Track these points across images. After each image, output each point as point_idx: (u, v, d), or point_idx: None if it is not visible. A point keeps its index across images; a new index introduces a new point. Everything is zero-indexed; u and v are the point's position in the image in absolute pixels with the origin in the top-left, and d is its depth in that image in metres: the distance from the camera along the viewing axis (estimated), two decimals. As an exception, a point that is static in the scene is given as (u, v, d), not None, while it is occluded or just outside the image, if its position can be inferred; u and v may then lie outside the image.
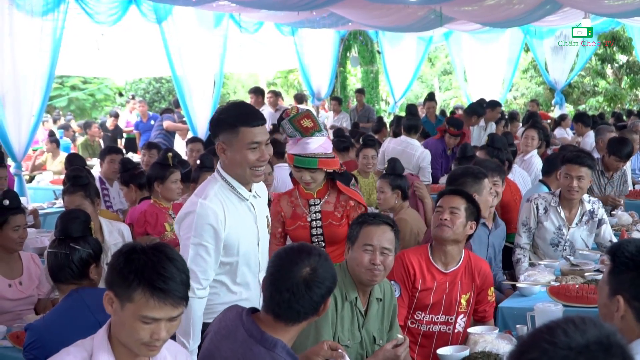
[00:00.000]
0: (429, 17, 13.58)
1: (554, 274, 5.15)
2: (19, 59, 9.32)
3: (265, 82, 25.23)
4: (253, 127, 3.53)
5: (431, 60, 27.94)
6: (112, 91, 26.43)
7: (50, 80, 9.81)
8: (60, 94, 23.91)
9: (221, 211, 3.57)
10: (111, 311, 2.59)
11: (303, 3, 11.05)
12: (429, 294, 4.28)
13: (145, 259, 2.54)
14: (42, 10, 9.42)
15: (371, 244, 3.71)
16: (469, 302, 4.37)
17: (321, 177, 4.69)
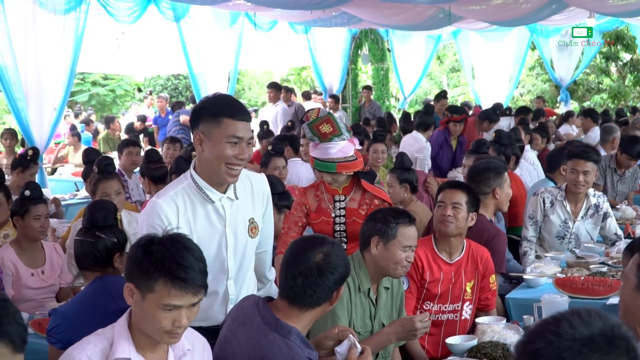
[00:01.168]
0: (438, 16, 13.54)
1: (559, 266, 5.14)
2: (42, 56, 9.35)
3: (279, 78, 25.18)
4: (237, 121, 3.16)
5: (440, 58, 27.87)
6: (131, 87, 26.46)
7: (71, 76, 9.84)
8: (82, 90, 23.95)
9: (173, 212, 3.22)
10: (132, 302, 2.60)
11: (316, 2, 11.03)
12: (437, 284, 4.29)
13: (164, 249, 2.55)
14: (65, 9, 9.44)
15: (410, 245, 3.76)
16: (473, 289, 4.38)
17: (342, 178, 4.60)
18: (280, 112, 14.01)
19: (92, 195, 5.48)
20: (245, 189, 3.40)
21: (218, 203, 3.29)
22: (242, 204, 3.38)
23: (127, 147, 8.46)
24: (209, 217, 3.30)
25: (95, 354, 2.58)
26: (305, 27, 15.76)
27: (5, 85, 9.15)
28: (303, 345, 2.84)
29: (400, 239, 3.72)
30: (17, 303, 4.99)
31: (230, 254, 3.35)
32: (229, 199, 3.32)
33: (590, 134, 11.56)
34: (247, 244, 3.41)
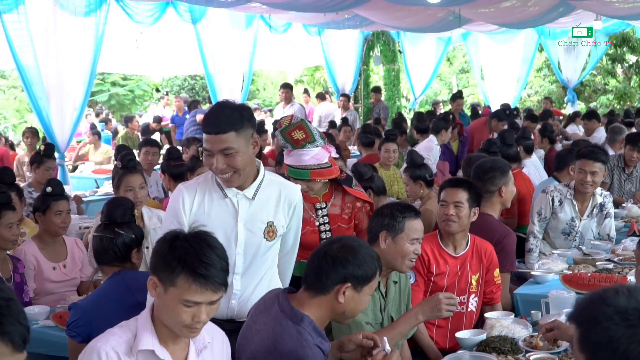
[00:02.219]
0: (448, 18, 13.52)
1: (566, 263, 5.12)
2: (63, 56, 9.38)
3: (292, 79, 25.19)
4: (206, 134, 3.27)
5: (449, 60, 27.80)
6: (149, 87, 26.52)
7: (92, 77, 9.86)
8: (102, 90, 24.04)
9: (191, 197, 3.40)
10: (155, 295, 2.61)
11: (330, 5, 11.02)
12: (443, 277, 4.30)
13: (188, 246, 2.56)
14: (85, 11, 9.46)
15: (417, 238, 3.75)
16: (478, 282, 4.38)
17: (318, 185, 4.46)
18: (297, 111, 14.05)
19: (115, 190, 5.48)
20: (272, 193, 3.44)
21: (234, 198, 3.37)
22: (262, 206, 3.41)
23: (144, 147, 8.49)
24: (223, 208, 3.39)
25: (120, 345, 2.59)
26: (319, 29, 15.76)
27: (27, 84, 9.19)
28: (315, 333, 2.88)
29: (408, 232, 3.72)
30: (39, 296, 5.03)
31: (239, 249, 3.39)
32: (245, 197, 3.38)
33: (595, 135, 11.52)
34: (262, 245, 3.43)
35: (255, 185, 3.39)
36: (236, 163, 3.24)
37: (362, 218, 4.54)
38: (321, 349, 2.91)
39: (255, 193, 3.39)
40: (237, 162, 3.24)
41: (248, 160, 3.31)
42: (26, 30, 8.92)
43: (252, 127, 3.33)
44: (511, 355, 3.53)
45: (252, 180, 3.40)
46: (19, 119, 21.77)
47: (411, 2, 11.56)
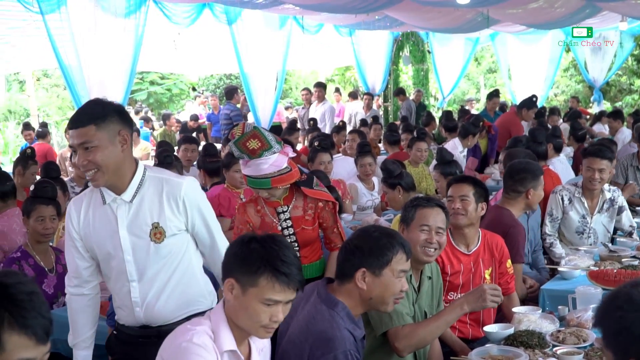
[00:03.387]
0: (477, 19, 13.43)
1: (593, 259, 5.07)
2: (104, 56, 9.42)
3: (324, 78, 25.15)
4: (69, 130, 3.10)
5: (477, 60, 27.60)
6: (186, 86, 26.66)
7: (132, 76, 9.89)
8: (141, 88, 24.20)
9: (77, 210, 3.22)
10: (230, 297, 2.61)
11: (361, 6, 10.99)
12: (458, 275, 4.29)
13: (267, 247, 2.58)
14: (125, 12, 9.50)
15: (427, 224, 3.73)
16: (492, 276, 4.37)
17: (281, 191, 4.24)
18: (328, 110, 14.06)
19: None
20: (154, 192, 3.18)
21: (113, 204, 3.17)
22: (144, 207, 3.16)
23: (183, 144, 8.54)
24: (104, 216, 3.19)
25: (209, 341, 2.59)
26: (350, 30, 15.72)
27: (70, 83, 9.25)
28: (347, 318, 2.99)
29: (417, 219, 3.75)
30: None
31: (127, 256, 3.17)
32: (124, 201, 3.16)
33: (618, 136, 11.39)
34: (151, 249, 3.17)
35: (134, 187, 3.16)
36: (96, 159, 3.02)
37: (327, 217, 4.37)
38: (352, 334, 2.95)
39: (134, 195, 3.16)
40: (97, 158, 3.02)
41: (113, 158, 3.06)
42: (68, 31, 8.97)
43: (120, 124, 3.09)
44: (538, 349, 3.50)
45: (129, 181, 3.16)
46: (62, 116, 21.99)
47: (440, 4, 11.49)
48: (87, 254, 3.26)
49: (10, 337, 1.89)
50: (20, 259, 4.86)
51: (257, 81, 12.35)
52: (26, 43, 10.03)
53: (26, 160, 7.29)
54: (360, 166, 7.56)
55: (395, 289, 3.07)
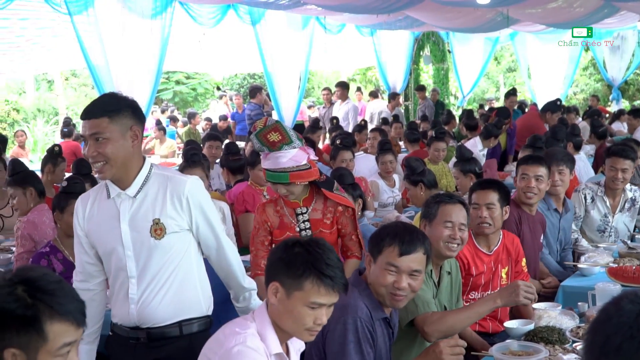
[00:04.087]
0: (497, 19, 13.37)
1: (612, 256, 5.02)
2: (131, 56, 9.47)
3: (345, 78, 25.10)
4: (81, 120, 3.06)
5: (497, 59, 27.47)
6: (211, 86, 26.74)
7: (158, 75, 9.93)
8: (166, 88, 24.31)
9: (84, 206, 3.18)
10: (275, 300, 2.59)
11: (382, 7, 10.97)
12: (481, 276, 4.26)
13: (312, 251, 2.58)
14: (152, 13, 9.54)
15: (451, 221, 3.70)
16: (508, 274, 4.35)
17: (299, 189, 4.09)
18: (351, 109, 14.06)
19: None
20: (158, 189, 3.11)
21: (117, 198, 3.11)
22: (147, 203, 3.10)
23: (208, 141, 8.56)
24: (107, 210, 3.13)
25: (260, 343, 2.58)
26: (371, 30, 15.69)
27: (97, 83, 9.30)
28: (367, 297, 3.11)
29: (441, 215, 3.72)
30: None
31: (128, 251, 3.11)
32: (127, 195, 3.10)
33: (636, 134, 11.28)
34: (151, 245, 3.09)
35: (139, 182, 3.10)
36: (106, 151, 2.98)
37: (346, 222, 4.22)
38: (369, 309, 3.07)
39: (139, 191, 3.10)
40: (107, 150, 2.98)
41: (122, 152, 3.02)
42: (96, 31, 9.02)
43: (133, 120, 3.05)
44: (558, 345, 3.47)
45: (134, 176, 3.10)
46: (90, 115, 22.13)
47: (461, 4, 11.44)
48: (92, 251, 3.21)
49: (52, 326, 1.91)
50: (49, 254, 4.89)
51: (281, 80, 12.36)
52: (55, 43, 10.09)
53: (55, 158, 7.34)
54: (381, 163, 7.55)
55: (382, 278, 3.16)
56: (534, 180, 4.91)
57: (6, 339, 1.89)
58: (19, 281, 1.93)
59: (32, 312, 1.90)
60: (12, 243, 5.98)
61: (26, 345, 1.90)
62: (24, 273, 1.97)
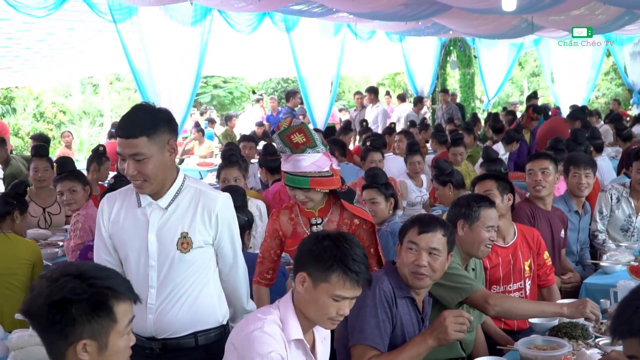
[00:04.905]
0: (521, 25, 13.26)
1: (633, 255, 4.97)
2: (172, 62, 9.56)
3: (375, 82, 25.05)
4: (118, 138, 2.89)
5: (521, 64, 27.23)
6: (247, 89, 26.84)
7: (197, 80, 10.01)
8: (205, 91, 24.43)
9: (110, 207, 3.04)
10: (301, 289, 2.62)
11: (411, 14, 10.94)
12: (498, 268, 4.20)
13: (340, 245, 2.60)
14: (192, 21, 9.62)
15: (492, 225, 3.71)
16: (531, 267, 4.29)
17: (318, 196, 3.64)
18: (381, 113, 14.06)
19: (217, 179, 5.64)
20: (190, 202, 2.98)
21: (147, 208, 2.97)
22: (177, 215, 2.97)
23: (242, 142, 8.62)
24: (135, 218, 2.99)
25: (279, 329, 2.61)
26: (400, 36, 15.66)
27: (140, 86, 9.41)
28: (395, 277, 3.16)
29: (483, 220, 3.68)
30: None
31: (152, 261, 2.96)
32: (159, 207, 2.96)
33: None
34: (176, 258, 2.95)
35: (172, 194, 2.97)
36: (147, 170, 2.85)
37: (364, 235, 3.72)
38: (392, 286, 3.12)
39: (171, 202, 2.97)
40: (147, 169, 2.85)
41: (161, 167, 2.89)
42: (139, 38, 9.11)
43: (169, 133, 2.90)
44: (581, 340, 3.44)
45: (168, 187, 2.97)
46: (133, 118, 22.33)
47: (487, 11, 11.35)
48: (115, 253, 3.07)
49: (119, 306, 2.00)
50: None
51: (313, 85, 12.40)
52: (100, 49, 10.20)
53: (100, 157, 7.43)
54: (409, 164, 7.54)
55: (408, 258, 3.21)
56: (540, 174, 4.93)
57: (77, 332, 1.94)
58: (75, 276, 1.97)
59: (100, 298, 1.97)
60: (58, 238, 6.06)
61: (98, 331, 1.96)
62: (72, 269, 2.01)
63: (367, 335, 3.01)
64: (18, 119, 18.10)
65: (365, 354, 3.01)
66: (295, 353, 2.63)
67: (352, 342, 3.05)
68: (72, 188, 5.34)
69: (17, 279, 4.56)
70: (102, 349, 1.97)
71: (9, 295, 4.50)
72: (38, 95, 18.90)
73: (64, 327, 1.93)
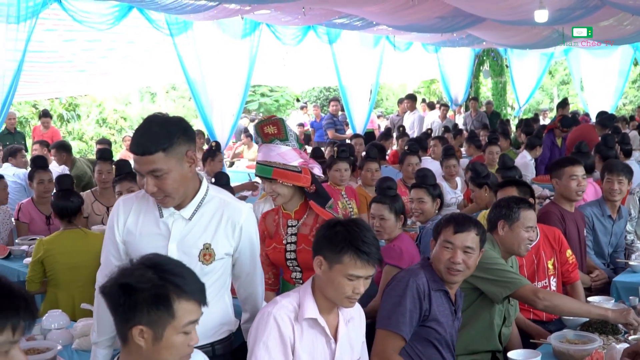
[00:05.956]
0: (552, 36, 13.09)
1: (661, 255, 4.87)
2: (224, 72, 9.65)
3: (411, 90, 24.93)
4: (132, 154, 2.62)
5: (551, 72, 26.84)
6: (291, 98, 26.94)
7: (246, 89, 10.09)
8: (253, 99, 24.59)
9: (126, 212, 2.75)
10: (319, 272, 2.66)
11: (447, 27, 10.89)
12: (522, 269, 4.14)
13: (351, 229, 2.63)
14: (242, 34, 9.71)
15: (531, 226, 3.69)
16: (554, 265, 4.25)
17: (285, 191, 3.40)
18: (417, 119, 14.01)
19: None
20: (214, 213, 2.74)
21: (169, 218, 2.71)
22: (200, 226, 2.72)
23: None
24: (155, 228, 2.73)
25: (290, 312, 2.66)
26: (436, 47, 15.59)
27: (195, 95, 9.52)
28: (430, 271, 3.17)
29: (523, 220, 3.66)
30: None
31: None
32: (182, 217, 2.71)
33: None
34: (198, 270, 2.52)
35: (195, 204, 2.72)
36: (166, 186, 2.59)
37: None
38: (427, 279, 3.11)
39: (194, 213, 2.72)
40: (167, 185, 2.58)
41: (182, 180, 2.62)
42: (194, 50, 9.22)
43: (186, 143, 2.62)
44: (611, 335, 3.40)
45: (191, 197, 2.71)
46: (186, 124, 22.59)
47: (520, 22, 11.23)
48: (127, 258, 2.70)
49: (180, 304, 2.00)
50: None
51: (354, 93, 12.42)
52: (157, 61, 10.35)
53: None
54: (445, 167, 7.50)
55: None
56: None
57: (136, 317, 1.98)
58: (149, 265, 2.02)
59: (162, 292, 1.98)
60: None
61: (155, 322, 1.97)
62: (150, 259, 2.06)
63: (392, 322, 3.05)
64: (82, 125, 18.45)
65: (388, 338, 3.05)
66: (308, 332, 2.66)
67: (378, 326, 3.10)
68: (130, 188, 5.41)
69: (88, 272, 4.63)
70: (157, 340, 1.99)
71: (80, 288, 4.58)
72: (101, 103, 19.22)
73: (126, 310, 1.98)
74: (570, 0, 9.43)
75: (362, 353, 2.89)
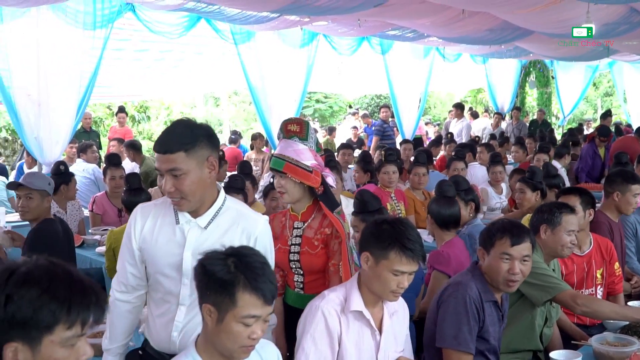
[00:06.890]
0: (598, 49, 12.76)
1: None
2: (283, 79, 9.74)
3: (459, 99, 24.67)
4: (155, 153, 2.50)
5: (595, 84, 26.24)
6: (344, 104, 26.96)
7: (303, 95, 10.16)
8: (308, 105, 24.70)
9: (143, 219, 2.62)
10: (366, 267, 2.66)
11: (495, 39, 10.73)
12: (572, 275, 4.07)
13: (397, 227, 2.63)
14: (300, 44, 9.78)
15: (573, 229, 3.61)
16: (603, 275, 4.15)
17: (292, 188, 3.25)
18: (465, 127, 13.88)
19: None
20: (230, 223, 2.59)
21: (185, 226, 2.57)
22: (215, 236, 2.55)
23: (341, 150, 8.69)
24: (171, 235, 2.58)
25: (336, 305, 2.67)
26: (484, 58, 15.40)
27: (255, 100, 9.64)
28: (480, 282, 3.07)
29: (565, 224, 3.58)
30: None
31: (185, 279, 2.54)
32: (198, 225, 2.56)
33: None
34: None
35: (211, 213, 2.57)
36: (184, 186, 2.45)
37: (334, 248, 3.25)
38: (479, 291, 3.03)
39: (210, 222, 2.57)
40: (185, 186, 2.45)
41: (200, 184, 2.49)
42: (256, 58, 9.33)
43: (209, 148, 2.50)
44: (651, 339, 3.29)
45: (208, 206, 2.57)
46: (247, 127, 22.85)
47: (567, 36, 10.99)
48: (142, 266, 2.65)
49: (243, 295, 2.03)
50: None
51: (403, 101, 12.37)
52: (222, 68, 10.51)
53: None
54: (492, 173, 7.40)
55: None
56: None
57: (206, 296, 2.07)
58: (232, 254, 2.09)
59: (230, 278, 2.03)
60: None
61: (219, 304, 2.04)
62: (238, 249, 2.13)
63: (461, 342, 2.98)
64: (152, 125, 18.86)
65: (460, 359, 2.99)
66: (354, 323, 2.67)
67: (447, 346, 3.00)
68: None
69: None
70: (219, 322, 2.06)
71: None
72: (169, 106, 19.60)
73: (202, 288, 2.10)
74: (616, 16, 9.19)
75: (405, 345, 2.88)
